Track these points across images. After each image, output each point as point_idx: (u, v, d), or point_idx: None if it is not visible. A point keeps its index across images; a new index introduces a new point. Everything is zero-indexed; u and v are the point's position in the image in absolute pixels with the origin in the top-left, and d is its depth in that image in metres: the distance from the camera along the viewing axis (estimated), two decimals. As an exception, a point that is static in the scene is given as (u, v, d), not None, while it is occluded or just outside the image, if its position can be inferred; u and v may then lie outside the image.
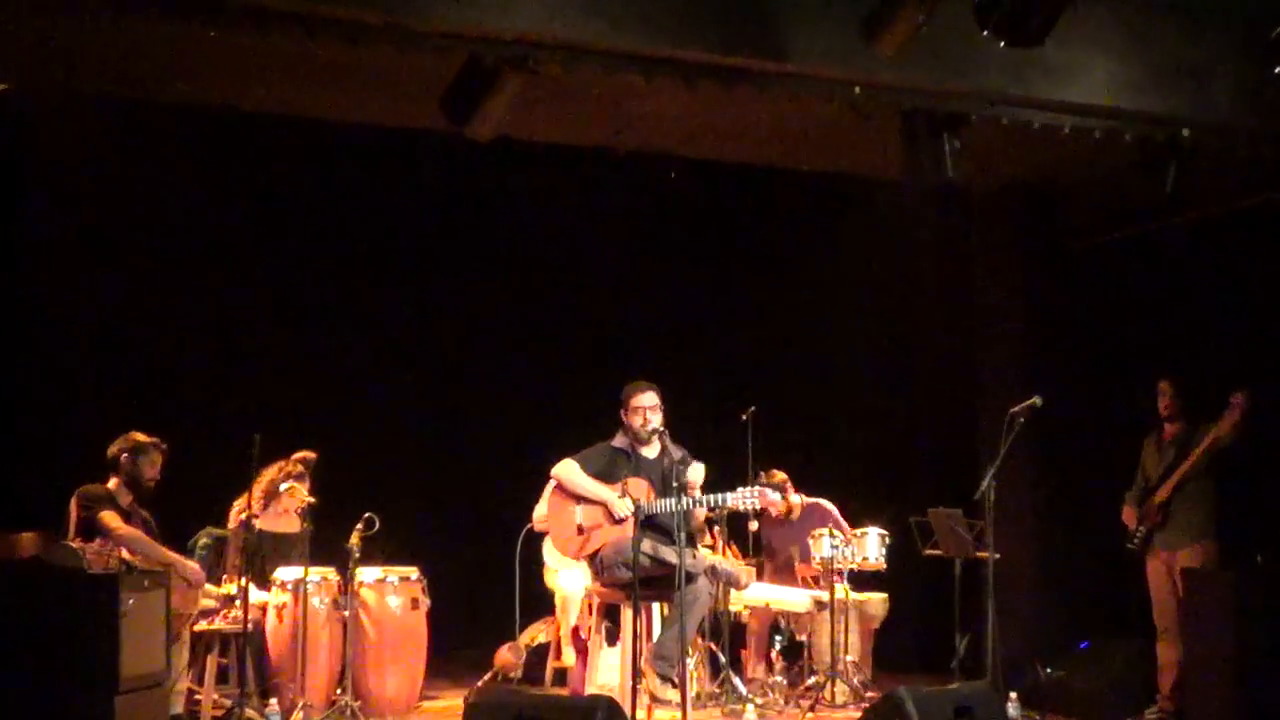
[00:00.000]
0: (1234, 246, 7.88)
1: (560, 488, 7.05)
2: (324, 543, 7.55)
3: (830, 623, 7.83)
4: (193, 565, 7.03)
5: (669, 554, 6.53)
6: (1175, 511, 7.35)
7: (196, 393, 8.89)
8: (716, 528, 8.17)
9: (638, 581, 6.37)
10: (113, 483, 6.88)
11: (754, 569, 7.97)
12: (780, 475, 8.46)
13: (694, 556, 6.74)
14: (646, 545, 6.55)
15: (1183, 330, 8.00)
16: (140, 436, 6.95)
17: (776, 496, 6.89)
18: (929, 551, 8.05)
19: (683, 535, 6.29)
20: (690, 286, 10.10)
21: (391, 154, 8.53)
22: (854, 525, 8.26)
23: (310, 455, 7.69)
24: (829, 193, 9.07)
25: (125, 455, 6.89)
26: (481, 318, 9.99)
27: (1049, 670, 7.83)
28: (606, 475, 6.97)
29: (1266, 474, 7.38)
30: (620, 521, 6.82)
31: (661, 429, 6.86)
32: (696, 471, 6.92)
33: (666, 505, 6.67)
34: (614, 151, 7.99)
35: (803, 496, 8.59)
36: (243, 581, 6.90)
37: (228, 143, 8.36)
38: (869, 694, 7.66)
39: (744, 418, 8.29)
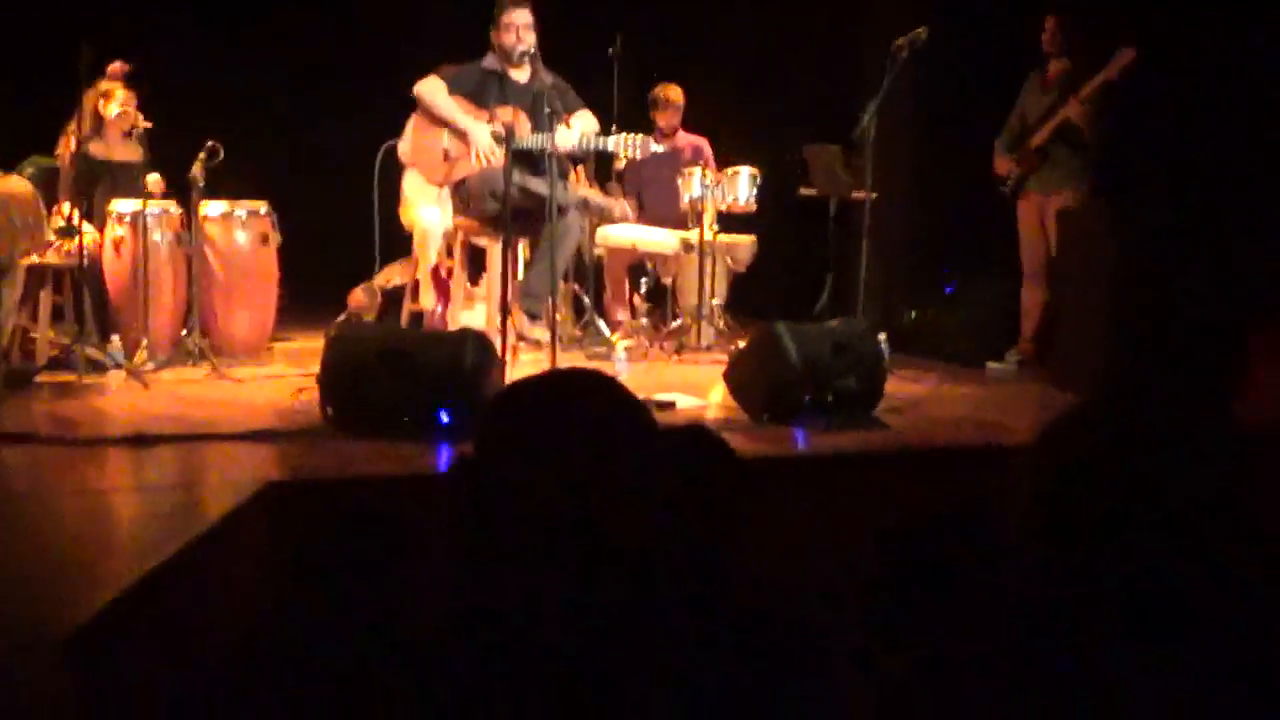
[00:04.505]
0: None
1: (424, 109, 6.58)
2: (164, 174, 7.14)
3: (698, 265, 7.63)
4: None
5: (539, 185, 6.20)
6: (1053, 155, 7.18)
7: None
8: (581, 165, 7.83)
9: (509, 213, 6.04)
10: None
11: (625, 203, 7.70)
12: (676, 91, 8.14)
13: (565, 188, 6.43)
14: (515, 176, 6.16)
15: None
16: None
17: (659, 148, 6.56)
18: (804, 191, 7.81)
19: (554, 165, 5.94)
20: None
21: None
22: (726, 164, 7.96)
23: (122, 65, 7.09)
24: None
25: None
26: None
27: (915, 312, 7.85)
28: (475, 97, 6.54)
29: (1148, 119, 7.24)
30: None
31: (533, 51, 6.41)
32: (587, 121, 6.51)
33: (540, 140, 6.28)
34: None
35: (682, 133, 8.28)
36: (68, 211, 6.39)
37: None
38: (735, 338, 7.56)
39: (610, 51, 7.83)
